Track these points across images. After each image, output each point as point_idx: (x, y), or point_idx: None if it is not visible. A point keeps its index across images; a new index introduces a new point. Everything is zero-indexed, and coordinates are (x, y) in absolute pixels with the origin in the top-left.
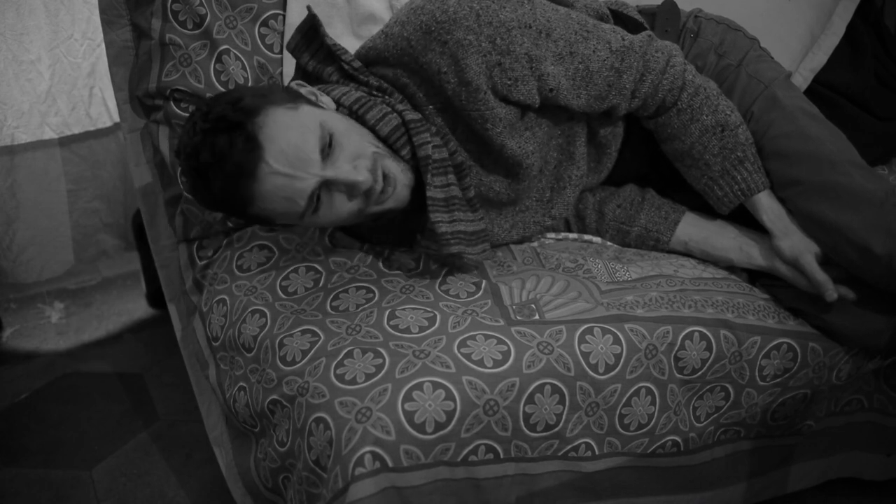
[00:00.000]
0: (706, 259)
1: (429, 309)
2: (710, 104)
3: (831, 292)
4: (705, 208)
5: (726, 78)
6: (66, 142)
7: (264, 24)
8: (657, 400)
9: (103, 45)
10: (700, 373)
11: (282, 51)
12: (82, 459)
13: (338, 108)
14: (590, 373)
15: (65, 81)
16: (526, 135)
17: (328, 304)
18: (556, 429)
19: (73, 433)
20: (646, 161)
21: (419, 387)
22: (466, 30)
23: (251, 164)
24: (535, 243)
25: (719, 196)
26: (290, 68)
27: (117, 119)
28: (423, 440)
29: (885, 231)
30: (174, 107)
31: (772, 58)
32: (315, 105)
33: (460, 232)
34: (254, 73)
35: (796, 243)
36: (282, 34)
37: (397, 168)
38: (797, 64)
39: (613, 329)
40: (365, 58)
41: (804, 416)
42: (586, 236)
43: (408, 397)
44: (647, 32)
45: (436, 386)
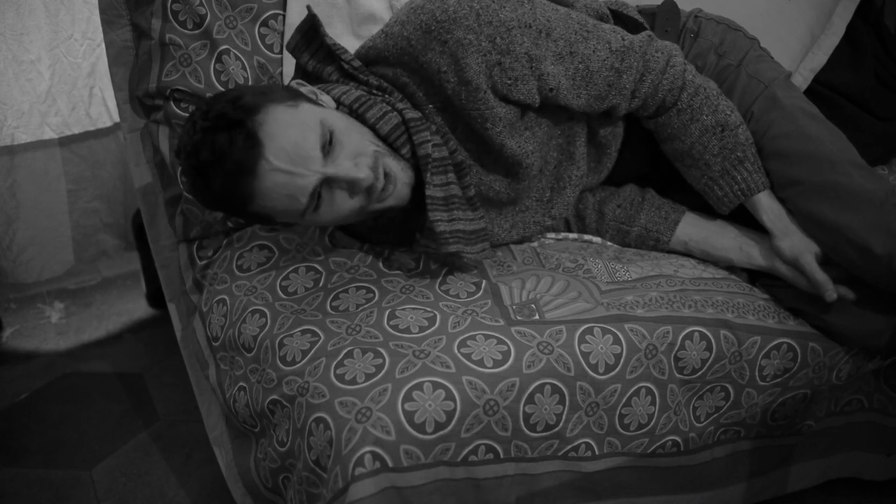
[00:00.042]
0: (706, 259)
1: (429, 309)
2: (710, 104)
3: (831, 292)
4: (705, 208)
5: (726, 78)
6: (66, 142)
7: (264, 24)
8: (657, 400)
9: (103, 45)
10: (700, 373)
11: (282, 51)
12: (82, 459)
13: (338, 106)
14: (590, 373)
15: (65, 81)
16: (526, 134)
17: (328, 304)
18: (556, 429)
19: (73, 433)
20: (646, 161)
21: (419, 387)
22: (466, 29)
23: (251, 162)
24: (535, 243)
25: (719, 196)
26: (290, 68)
27: (117, 119)
28: (423, 440)
29: (885, 231)
30: (174, 107)
31: (772, 58)
32: (315, 103)
33: (459, 231)
34: (254, 73)
35: (796, 243)
36: (282, 34)
37: (398, 166)
38: (797, 64)
39: (613, 329)
40: (365, 57)
41: (804, 416)
42: (586, 236)
43: (408, 397)
44: (647, 32)
45: (436, 386)
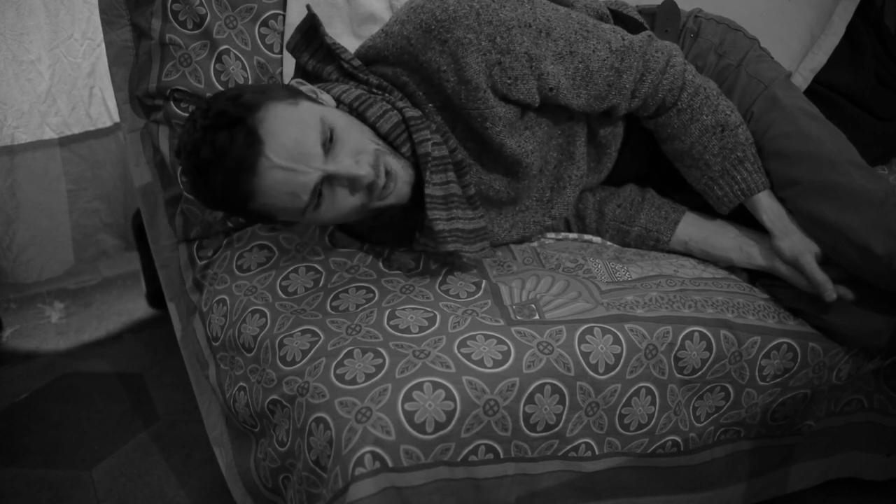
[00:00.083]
0: (706, 259)
1: (429, 309)
2: (710, 104)
3: (830, 292)
4: (705, 208)
5: (726, 78)
6: (66, 142)
7: (264, 24)
8: (657, 400)
9: (103, 45)
10: (700, 373)
11: (282, 51)
12: (82, 459)
13: (338, 105)
14: (590, 373)
15: (65, 81)
16: (525, 134)
17: (328, 304)
18: (556, 429)
19: (73, 433)
20: (646, 161)
21: (419, 387)
22: (466, 28)
23: (251, 159)
24: (535, 243)
25: (719, 196)
26: (290, 68)
27: (117, 119)
28: (423, 440)
29: (885, 231)
30: (174, 107)
31: (772, 58)
32: (315, 102)
33: (458, 230)
34: (254, 72)
35: (796, 243)
36: (282, 34)
37: (398, 165)
38: (797, 64)
39: (613, 329)
40: (365, 56)
41: (804, 416)
42: (586, 236)
43: (408, 397)
44: (647, 32)
45: (436, 386)
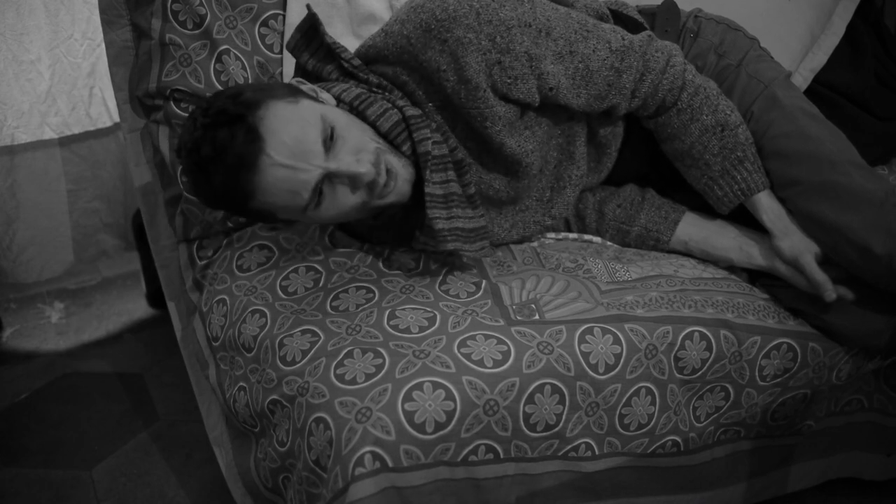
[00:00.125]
0: (706, 259)
1: (429, 309)
2: (709, 104)
3: (830, 292)
4: (705, 208)
5: (726, 78)
6: (66, 142)
7: (264, 24)
8: (657, 400)
9: (103, 45)
10: (700, 373)
11: (282, 51)
12: (82, 459)
13: (338, 104)
14: (590, 373)
15: (65, 81)
16: (525, 133)
17: (328, 304)
18: (556, 429)
19: (73, 433)
20: (646, 161)
21: (419, 387)
22: (466, 28)
23: (252, 156)
24: (535, 243)
25: (719, 196)
26: (290, 68)
27: (117, 119)
28: (423, 440)
29: (885, 231)
30: (174, 107)
31: (772, 58)
32: (316, 100)
33: (458, 229)
34: (254, 72)
35: (796, 243)
36: (282, 34)
37: (398, 163)
38: (797, 64)
39: (613, 329)
40: (365, 56)
41: (804, 416)
42: (586, 236)
43: (408, 397)
44: (647, 32)
45: (436, 386)
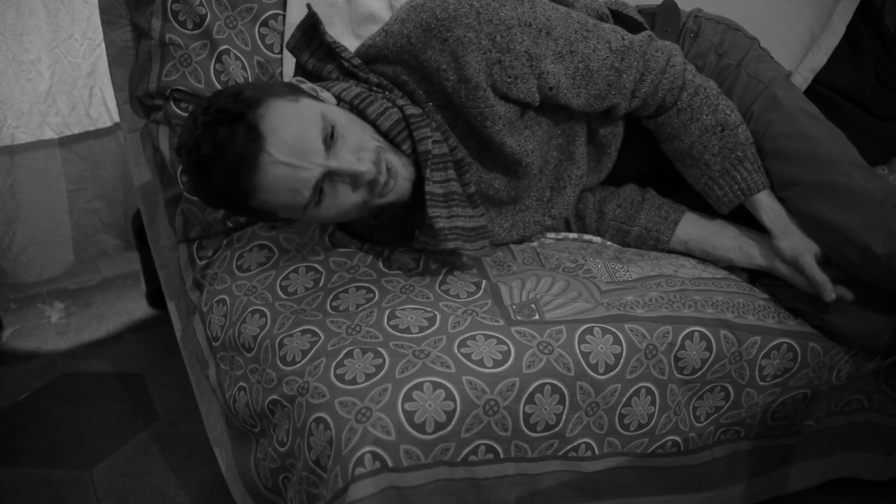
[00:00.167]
0: (706, 259)
1: (429, 309)
2: (709, 104)
3: (830, 292)
4: (705, 208)
5: (726, 78)
6: (66, 142)
7: (264, 24)
8: (657, 400)
9: (103, 45)
10: (700, 373)
11: (282, 51)
12: (82, 459)
13: (338, 103)
14: (590, 373)
15: (65, 81)
16: (525, 133)
17: (328, 304)
18: (556, 429)
19: (73, 433)
20: (646, 161)
21: (419, 387)
22: (466, 27)
23: (252, 154)
24: (535, 243)
25: (719, 196)
26: (290, 68)
27: (117, 119)
28: (423, 440)
29: (885, 231)
30: (174, 107)
31: (772, 58)
32: (316, 99)
33: (458, 228)
34: (254, 72)
35: (796, 243)
36: (282, 34)
37: (399, 162)
38: (797, 64)
39: (613, 329)
40: (365, 55)
41: (804, 416)
42: (586, 236)
43: (408, 397)
44: (647, 32)
45: (436, 386)
